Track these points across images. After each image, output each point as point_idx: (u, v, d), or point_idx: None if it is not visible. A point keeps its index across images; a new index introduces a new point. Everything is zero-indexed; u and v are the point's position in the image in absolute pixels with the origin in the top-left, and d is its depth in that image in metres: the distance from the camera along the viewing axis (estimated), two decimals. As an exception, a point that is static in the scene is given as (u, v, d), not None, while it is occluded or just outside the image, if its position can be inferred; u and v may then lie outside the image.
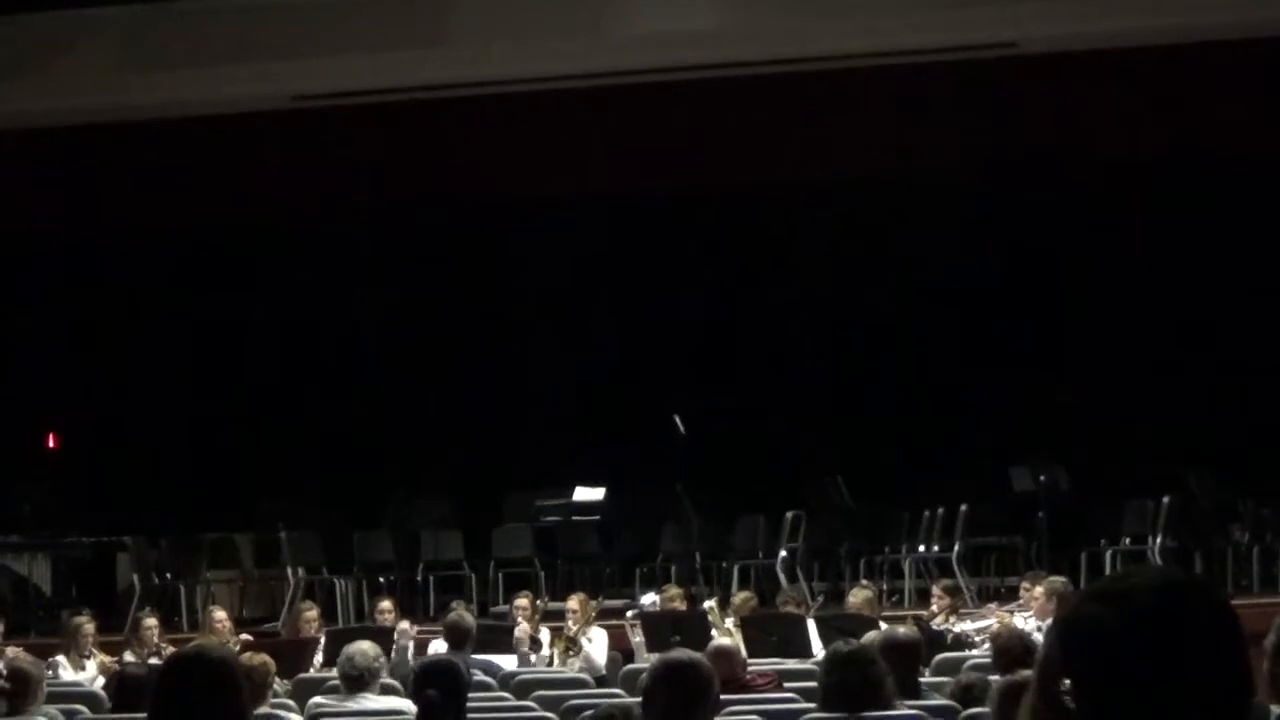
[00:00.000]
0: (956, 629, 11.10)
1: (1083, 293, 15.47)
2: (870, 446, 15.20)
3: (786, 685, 8.46)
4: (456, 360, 16.30)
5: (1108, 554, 13.73)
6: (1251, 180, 14.30)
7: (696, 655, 5.34)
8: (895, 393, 15.59)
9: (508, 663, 10.77)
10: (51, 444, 16.95)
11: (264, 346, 16.31)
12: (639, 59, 13.01)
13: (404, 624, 11.53)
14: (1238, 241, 14.75)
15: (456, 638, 10.45)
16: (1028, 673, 4.73)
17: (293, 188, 14.54)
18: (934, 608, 11.49)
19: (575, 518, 14.57)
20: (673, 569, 14.40)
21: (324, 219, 15.73)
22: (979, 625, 11.07)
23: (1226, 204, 14.72)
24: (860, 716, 6.26)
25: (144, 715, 3.49)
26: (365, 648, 8.18)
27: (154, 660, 10.71)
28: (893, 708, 6.46)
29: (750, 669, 8.79)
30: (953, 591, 11.80)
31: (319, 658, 10.97)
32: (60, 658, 11.17)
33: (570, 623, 11.51)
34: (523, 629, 11.21)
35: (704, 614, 11.47)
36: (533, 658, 11.23)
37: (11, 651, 10.94)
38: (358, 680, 7.99)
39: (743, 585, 13.87)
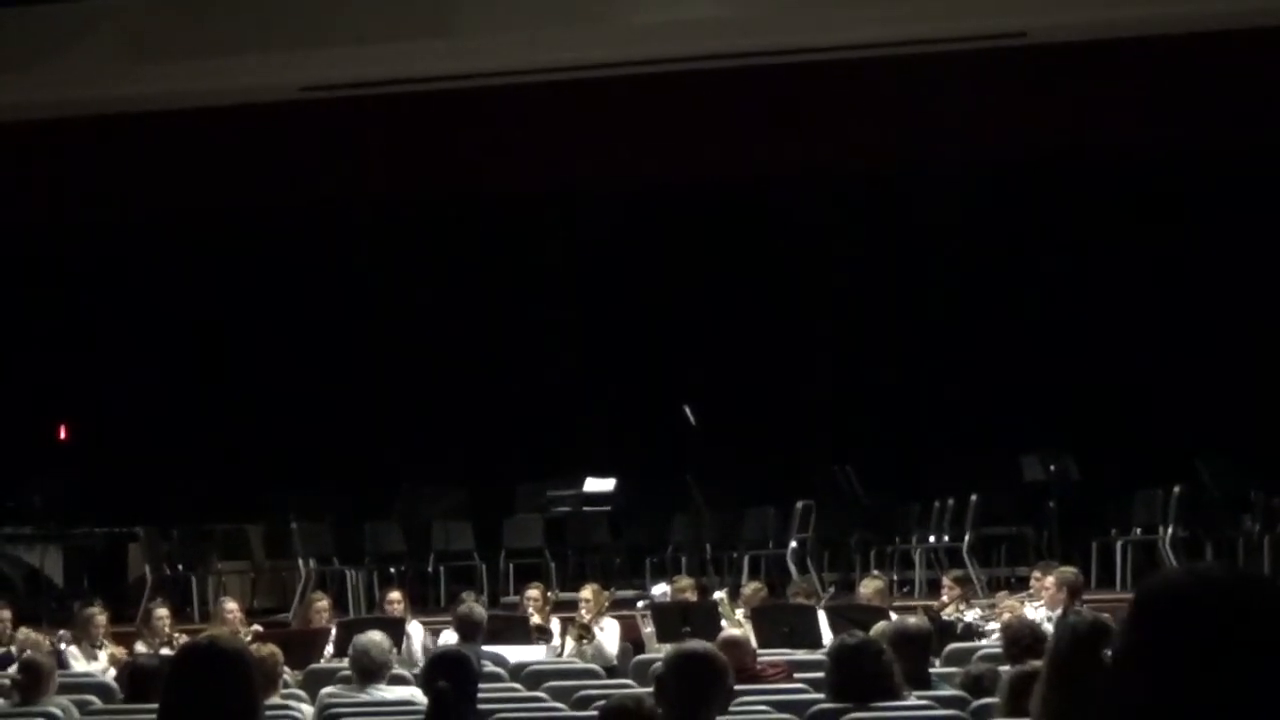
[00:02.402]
0: (967, 619, 11.10)
1: (1093, 282, 15.45)
2: (880, 437, 15.19)
3: (797, 676, 8.46)
4: (467, 350, 16.31)
5: (1118, 544, 13.72)
6: (1264, 170, 14.26)
7: (711, 646, 5.34)
8: (905, 383, 15.59)
9: (518, 654, 10.77)
10: (63, 435, 16.97)
11: (274, 337, 16.33)
12: (646, 49, 12.98)
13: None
14: (1249, 231, 14.72)
15: (467, 629, 10.46)
16: (1038, 663, 4.74)
17: (301, 179, 14.54)
18: (944, 598, 11.50)
19: (586, 508, 14.59)
20: (683, 560, 14.41)
21: (333, 210, 15.73)
22: (989, 615, 11.06)
23: (1238, 193, 14.69)
24: (869, 707, 6.26)
25: (156, 705, 3.50)
26: (379, 639, 8.18)
27: (165, 651, 10.73)
28: (901, 698, 6.47)
29: (760, 659, 8.79)
30: (963, 581, 11.81)
31: (330, 648, 10.98)
32: (71, 646, 11.20)
33: (583, 612, 11.53)
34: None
35: (714, 605, 11.48)
36: (540, 650, 11.22)
37: (22, 633, 11.00)
38: (371, 672, 8.00)
39: (753, 576, 13.87)
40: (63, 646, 10.63)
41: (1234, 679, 1.91)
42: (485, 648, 10.19)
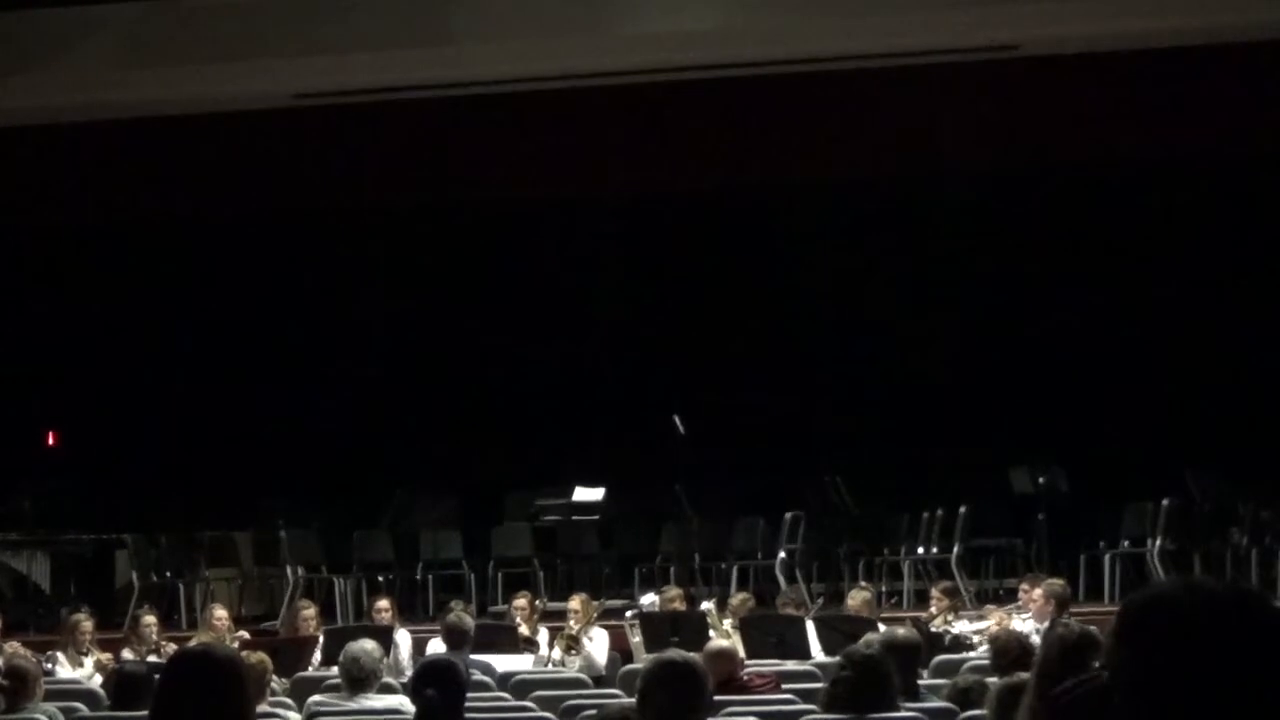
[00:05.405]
0: (955, 630, 11.10)
1: (1083, 293, 15.48)
2: (870, 448, 15.20)
3: (785, 686, 8.46)
4: (457, 359, 16.31)
5: (1107, 556, 13.74)
6: (1256, 182, 14.31)
7: (690, 655, 5.34)
8: (895, 394, 15.60)
9: (506, 663, 10.77)
10: (51, 441, 16.95)
11: (264, 344, 16.32)
12: (643, 58, 13.00)
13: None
14: (1239, 242, 14.76)
15: (455, 638, 10.45)
16: (1026, 675, 4.74)
17: (293, 186, 14.53)
18: (932, 609, 11.50)
19: (575, 517, 14.57)
20: (672, 569, 14.40)
21: (325, 217, 15.73)
22: (977, 627, 11.07)
23: (1229, 204, 14.74)
24: (866, 718, 6.29)
25: (143, 713, 3.50)
26: (370, 647, 8.18)
27: (153, 658, 10.71)
28: (897, 709, 6.50)
29: (748, 670, 8.79)
30: (951, 593, 11.80)
31: (317, 656, 10.97)
32: (58, 654, 11.18)
33: (572, 622, 11.53)
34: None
35: (702, 615, 11.48)
36: (529, 660, 11.23)
37: (10, 646, 10.96)
38: (360, 680, 7.99)
39: (741, 586, 13.87)
40: (48, 667, 10.58)
41: (1225, 691, 1.91)
42: (473, 656, 10.18)
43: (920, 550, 14.24)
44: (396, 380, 16.43)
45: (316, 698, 8.28)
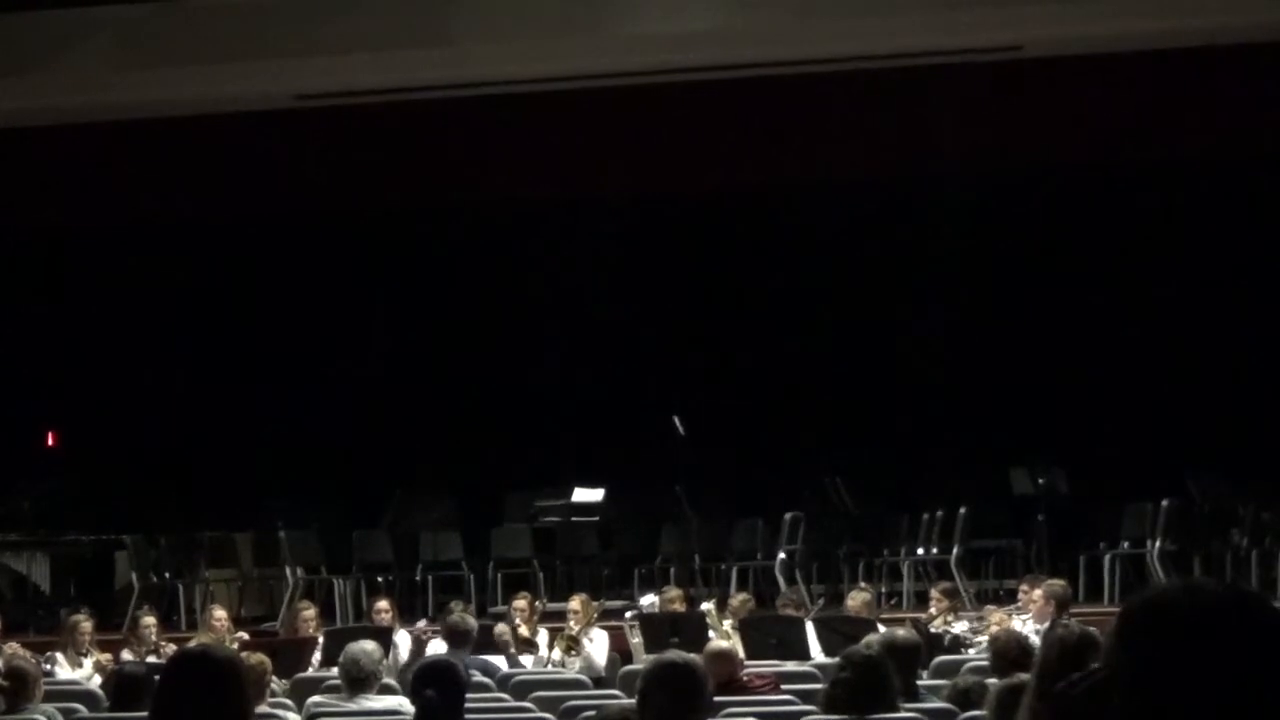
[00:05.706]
0: (954, 631, 11.10)
1: (1084, 294, 15.48)
2: (870, 449, 15.20)
3: (785, 687, 8.47)
4: (457, 360, 16.31)
5: (1106, 557, 13.74)
6: (1255, 183, 14.31)
7: (690, 656, 5.35)
8: (895, 395, 15.60)
9: (506, 663, 10.76)
10: (51, 442, 16.95)
11: (265, 346, 16.32)
12: (643, 59, 13.01)
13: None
14: (1239, 242, 14.76)
15: (456, 638, 10.45)
16: (1025, 675, 4.74)
17: (294, 187, 14.54)
18: (932, 610, 11.50)
19: (574, 519, 14.57)
20: (671, 570, 14.41)
21: (325, 217, 15.73)
22: (977, 628, 11.07)
23: (1229, 205, 14.74)
24: (866, 719, 6.30)
25: (142, 714, 3.50)
26: (369, 648, 8.18)
27: (152, 658, 10.71)
28: (897, 710, 6.50)
29: (748, 671, 8.79)
30: (951, 594, 11.80)
31: (317, 657, 10.97)
32: (58, 655, 11.19)
33: (572, 623, 11.53)
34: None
35: (702, 615, 11.48)
36: (528, 660, 11.22)
37: (9, 648, 10.96)
38: (360, 681, 7.99)
39: (741, 587, 13.87)
40: (48, 668, 10.58)
41: (1225, 692, 1.90)
42: (473, 656, 10.17)
43: (920, 551, 14.24)
44: (396, 380, 16.43)
45: (316, 698, 8.28)
